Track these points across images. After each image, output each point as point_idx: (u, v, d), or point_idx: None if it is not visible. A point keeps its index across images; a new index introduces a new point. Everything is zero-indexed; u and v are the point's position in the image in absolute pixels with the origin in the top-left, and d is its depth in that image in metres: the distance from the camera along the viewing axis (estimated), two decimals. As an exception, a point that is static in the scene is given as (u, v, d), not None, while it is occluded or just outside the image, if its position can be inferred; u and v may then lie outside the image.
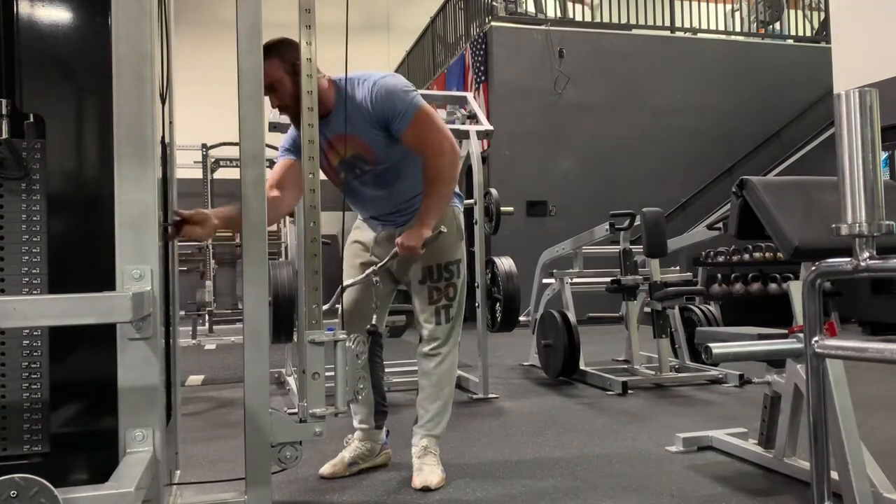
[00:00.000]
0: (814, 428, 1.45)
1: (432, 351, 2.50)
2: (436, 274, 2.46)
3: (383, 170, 2.38)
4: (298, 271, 3.64)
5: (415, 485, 2.39)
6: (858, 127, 1.34)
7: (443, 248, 2.45)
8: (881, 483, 1.97)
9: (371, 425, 2.61)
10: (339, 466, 2.53)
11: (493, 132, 4.24)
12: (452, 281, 2.48)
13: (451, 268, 2.48)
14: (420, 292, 2.49)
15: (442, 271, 2.47)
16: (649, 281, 4.40)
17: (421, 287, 2.48)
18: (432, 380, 2.51)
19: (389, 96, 2.26)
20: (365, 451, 2.59)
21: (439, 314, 2.48)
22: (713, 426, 3.01)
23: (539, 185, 8.90)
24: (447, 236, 2.44)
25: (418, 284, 2.48)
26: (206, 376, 5.01)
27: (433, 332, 2.49)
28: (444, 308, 2.48)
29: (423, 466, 2.44)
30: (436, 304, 2.47)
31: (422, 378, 2.53)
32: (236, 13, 1.77)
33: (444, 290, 2.47)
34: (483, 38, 9.04)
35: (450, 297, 2.48)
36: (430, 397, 2.51)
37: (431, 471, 2.42)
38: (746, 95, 9.48)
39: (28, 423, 1.62)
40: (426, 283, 2.47)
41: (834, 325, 2.26)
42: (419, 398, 2.54)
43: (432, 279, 2.47)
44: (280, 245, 8.24)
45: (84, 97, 1.71)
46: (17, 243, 1.63)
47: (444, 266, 2.47)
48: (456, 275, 2.49)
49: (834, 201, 1.44)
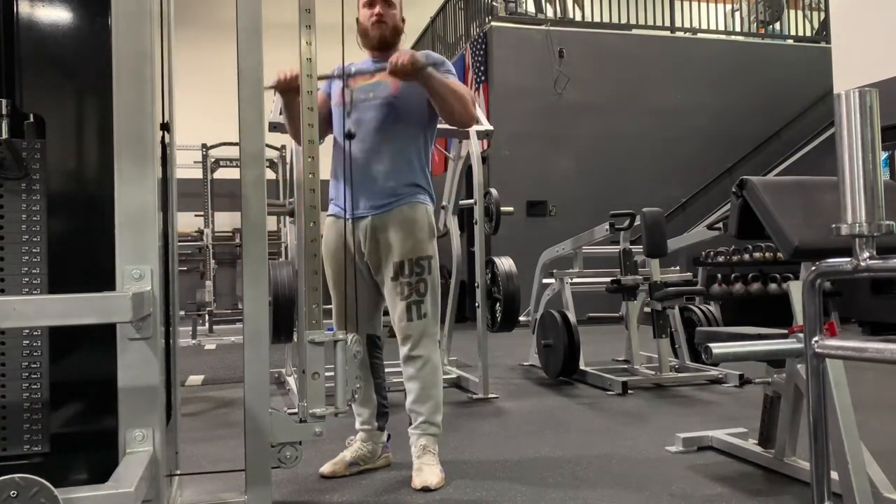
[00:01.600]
0: (814, 428, 1.45)
1: (412, 353, 2.50)
2: (407, 269, 2.48)
3: (392, 104, 2.47)
4: (298, 271, 3.64)
5: (414, 485, 2.39)
6: (858, 127, 1.34)
7: (413, 242, 2.48)
8: (881, 483, 1.97)
9: (374, 426, 2.61)
10: (340, 466, 2.54)
11: (493, 132, 4.24)
12: (423, 276, 2.49)
13: (422, 263, 2.49)
14: (392, 289, 2.50)
15: (413, 266, 2.48)
16: (649, 281, 4.40)
17: (393, 284, 2.49)
18: (419, 383, 2.51)
19: (443, 61, 2.53)
20: (366, 453, 2.59)
21: (410, 310, 2.48)
22: (713, 426, 3.01)
23: (539, 185, 8.90)
24: (419, 229, 2.48)
25: (391, 282, 2.50)
26: (206, 376, 5.01)
27: (406, 329, 2.49)
28: (416, 304, 2.48)
29: (423, 466, 2.44)
30: (407, 300, 2.48)
31: (408, 382, 2.54)
32: (236, 13, 1.77)
33: (414, 286, 2.48)
34: (483, 38, 9.04)
35: (420, 293, 2.49)
36: (419, 400, 2.51)
37: (430, 471, 2.42)
38: (746, 95, 9.48)
39: (28, 423, 1.62)
40: (398, 279, 2.48)
41: (834, 325, 2.26)
42: (409, 401, 2.54)
43: (403, 274, 2.48)
44: (280, 245, 8.24)
45: (84, 97, 1.71)
46: (17, 243, 1.63)
47: (416, 261, 2.48)
48: (427, 270, 2.50)
49: (834, 201, 1.44)
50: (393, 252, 2.47)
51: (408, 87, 2.47)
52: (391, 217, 2.48)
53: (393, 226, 2.48)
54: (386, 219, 2.48)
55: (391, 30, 2.53)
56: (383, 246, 2.49)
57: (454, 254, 4.61)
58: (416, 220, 2.50)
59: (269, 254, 2.00)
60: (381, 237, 2.48)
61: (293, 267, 3.99)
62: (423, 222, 2.52)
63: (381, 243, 2.49)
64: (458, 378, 4.36)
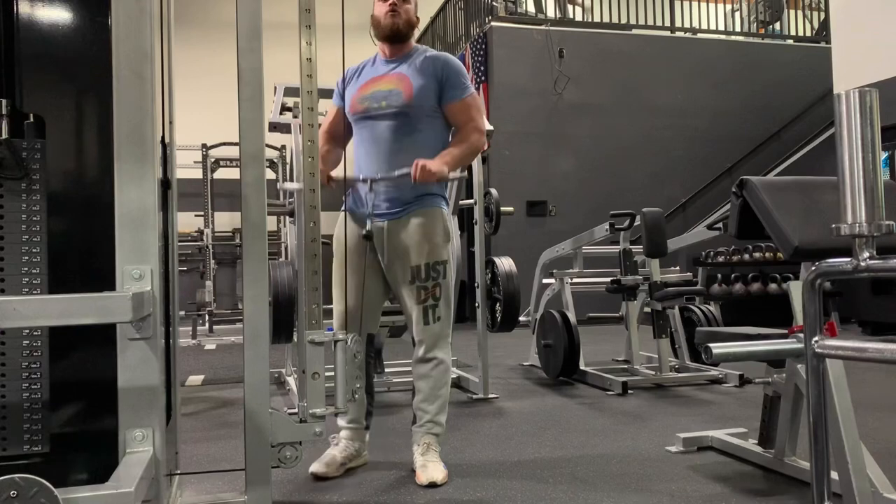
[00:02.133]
0: (814, 428, 1.45)
1: (426, 355, 2.53)
2: (423, 273, 2.51)
3: (406, 114, 2.48)
4: (298, 271, 3.64)
5: (420, 481, 2.40)
6: (858, 127, 1.34)
7: (430, 247, 2.51)
8: (881, 483, 1.97)
9: (361, 424, 2.62)
10: (332, 466, 2.52)
11: (493, 132, 4.24)
12: (439, 281, 2.53)
13: (437, 268, 2.53)
14: (409, 293, 2.52)
15: (430, 271, 2.51)
16: (649, 281, 4.40)
17: (410, 287, 2.52)
18: (430, 382, 2.54)
19: (460, 71, 2.58)
20: (353, 451, 2.59)
21: (427, 314, 2.52)
22: (713, 426, 3.01)
23: (539, 185, 8.90)
24: (435, 233, 2.52)
25: (408, 285, 2.52)
26: (206, 376, 5.01)
27: (422, 333, 2.53)
28: (432, 308, 2.52)
29: (428, 464, 2.45)
30: (423, 304, 2.51)
31: (418, 381, 2.56)
32: (236, 13, 1.77)
33: (431, 290, 2.52)
34: (483, 38, 9.04)
35: (436, 297, 2.53)
36: (428, 399, 2.54)
37: (435, 467, 2.44)
38: (746, 95, 9.48)
39: (28, 423, 1.62)
40: (414, 282, 2.51)
41: (834, 325, 2.26)
42: (416, 400, 2.56)
43: (420, 279, 2.51)
44: (280, 245, 8.23)
45: (84, 97, 1.71)
46: (17, 243, 1.63)
47: (432, 266, 2.52)
48: (442, 275, 2.54)
49: (834, 201, 1.44)
50: (410, 256, 2.50)
51: (421, 92, 2.49)
52: (409, 221, 2.50)
53: (410, 230, 2.50)
54: (403, 223, 2.50)
55: (405, 22, 2.54)
56: (401, 249, 2.51)
57: (454, 254, 4.61)
58: (433, 224, 2.53)
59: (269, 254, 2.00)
60: (398, 240, 2.50)
61: (293, 267, 3.99)
62: (439, 227, 2.55)
63: (398, 246, 2.51)
64: (458, 378, 4.36)
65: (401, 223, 2.50)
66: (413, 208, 2.51)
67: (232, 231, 10.31)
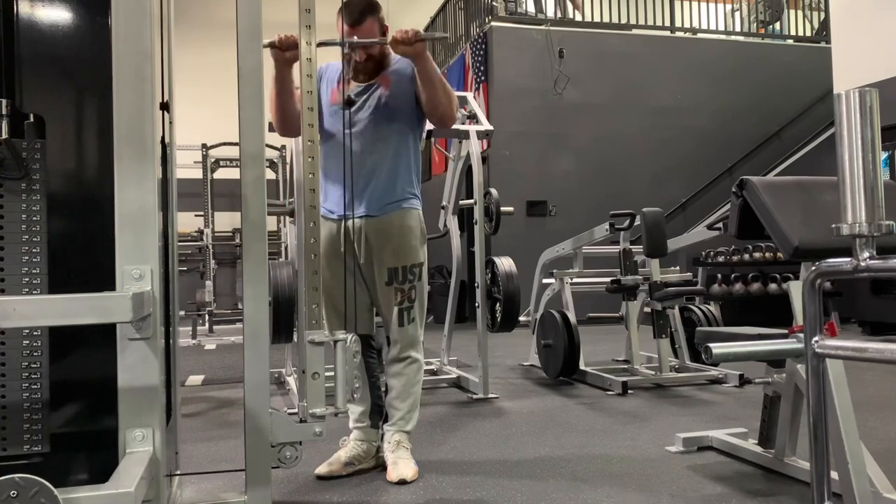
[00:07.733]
0: (814, 428, 1.45)
1: (401, 355, 2.58)
2: (401, 275, 2.54)
3: (387, 104, 2.49)
4: (298, 271, 3.64)
5: (390, 478, 2.43)
6: (858, 127, 1.34)
7: (408, 249, 2.54)
8: (881, 483, 1.97)
9: (366, 423, 2.62)
10: (336, 466, 2.53)
11: (493, 132, 4.24)
12: (414, 283, 2.57)
13: (414, 270, 2.57)
14: (386, 294, 2.55)
15: (407, 273, 2.55)
16: (649, 281, 4.40)
17: (387, 288, 2.55)
18: (402, 380, 2.58)
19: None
20: (361, 452, 2.59)
21: (402, 315, 2.56)
22: (713, 426, 3.01)
23: (539, 185, 8.90)
24: (413, 236, 2.55)
25: (385, 286, 2.55)
26: (206, 376, 5.01)
27: (397, 334, 2.57)
28: (406, 310, 2.56)
29: (398, 461, 2.48)
30: (399, 306, 2.55)
31: (391, 379, 2.60)
32: (236, 13, 1.77)
33: (406, 292, 2.56)
34: (483, 38, 9.04)
35: (411, 300, 2.57)
36: (400, 396, 2.58)
37: (406, 465, 2.47)
38: (746, 95, 9.48)
39: (28, 423, 1.62)
40: (392, 284, 2.54)
41: (834, 325, 2.26)
42: (389, 398, 2.60)
43: (398, 280, 2.54)
44: (280, 245, 8.23)
45: (84, 97, 1.71)
46: (17, 243, 1.63)
47: (409, 268, 2.56)
48: (417, 277, 2.58)
49: (834, 201, 1.44)
50: (387, 258, 2.52)
51: (398, 85, 2.51)
52: (385, 222, 2.52)
53: (387, 231, 2.52)
54: (379, 224, 2.52)
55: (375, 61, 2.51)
56: (376, 250, 2.53)
57: (454, 254, 4.61)
58: (410, 226, 2.56)
59: (269, 254, 2.00)
60: (375, 242, 2.52)
61: (293, 267, 3.99)
62: (416, 229, 2.58)
63: (374, 248, 2.53)
64: (458, 378, 4.36)
65: (378, 222, 2.51)
66: (390, 209, 2.52)
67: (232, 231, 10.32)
